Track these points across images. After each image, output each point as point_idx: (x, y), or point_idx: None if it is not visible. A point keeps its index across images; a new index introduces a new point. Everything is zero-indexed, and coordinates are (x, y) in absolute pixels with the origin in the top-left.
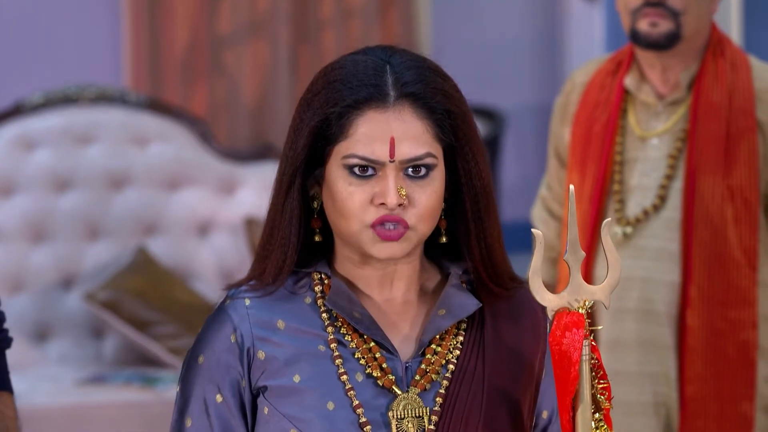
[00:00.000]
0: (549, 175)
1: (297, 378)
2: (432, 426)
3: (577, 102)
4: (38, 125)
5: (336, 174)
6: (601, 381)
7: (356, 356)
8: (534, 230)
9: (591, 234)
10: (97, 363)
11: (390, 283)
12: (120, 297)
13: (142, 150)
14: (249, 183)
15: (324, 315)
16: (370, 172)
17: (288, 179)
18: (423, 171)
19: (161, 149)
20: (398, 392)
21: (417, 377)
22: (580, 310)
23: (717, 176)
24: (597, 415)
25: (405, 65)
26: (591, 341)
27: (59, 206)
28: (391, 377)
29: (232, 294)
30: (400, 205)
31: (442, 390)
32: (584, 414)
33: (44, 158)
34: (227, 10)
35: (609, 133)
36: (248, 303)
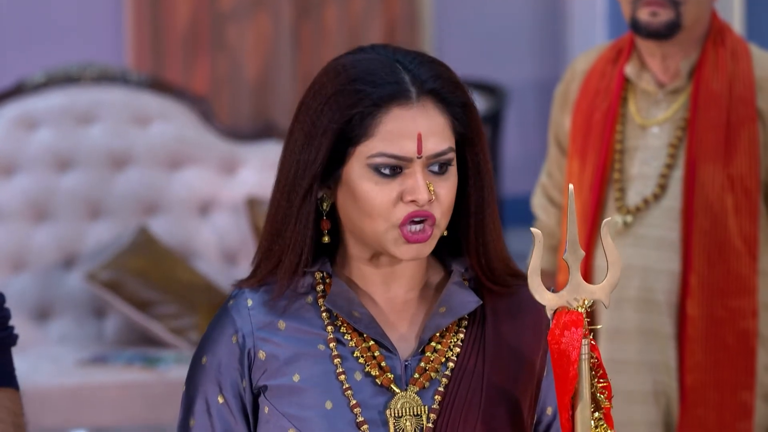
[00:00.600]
0: (549, 163)
1: (296, 377)
2: (430, 424)
3: (578, 90)
4: (40, 105)
5: (359, 174)
6: (601, 380)
7: (355, 355)
8: (533, 229)
9: (591, 223)
10: (99, 343)
11: (393, 282)
12: (121, 277)
13: (144, 129)
14: (251, 162)
15: (324, 314)
16: (396, 171)
17: (307, 184)
18: (444, 167)
19: (163, 128)
20: (396, 390)
21: (416, 375)
22: (580, 309)
23: (717, 165)
24: (597, 414)
25: (416, 62)
26: (590, 340)
27: (60, 186)
28: (390, 376)
29: (236, 294)
30: (429, 202)
31: (441, 388)
32: (583, 413)
33: (46, 138)
34: None
35: (609, 122)
36: (250, 304)
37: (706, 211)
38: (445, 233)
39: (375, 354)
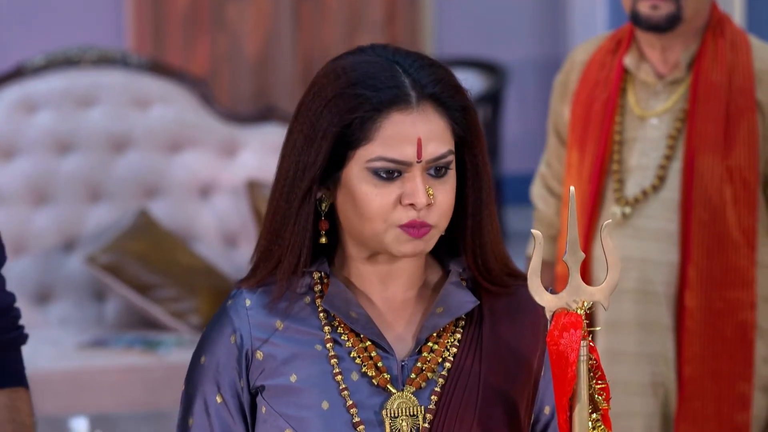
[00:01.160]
0: (548, 153)
1: (293, 377)
2: (426, 424)
3: (577, 80)
4: (39, 88)
5: (358, 177)
6: (599, 381)
7: (352, 355)
8: (533, 231)
9: (590, 214)
10: (99, 326)
11: (391, 282)
12: (121, 260)
13: (144, 112)
14: (251, 145)
15: (321, 315)
16: (395, 174)
17: (306, 186)
18: (443, 170)
19: (163, 111)
20: (393, 391)
21: (412, 375)
22: (579, 311)
23: (716, 157)
24: (594, 415)
25: (416, 65)
26: (589, 342)
27: (61, 169)
28: (386, 376)
29: (234, 294)
30: (428, 205)
31: (438, 388)
32: (581, 414)
33: (45, 121)
34: None
35: (608, 113)
36: (248, 304)
37: (705, 203)
38: (443, 233)
39: (372, 354)
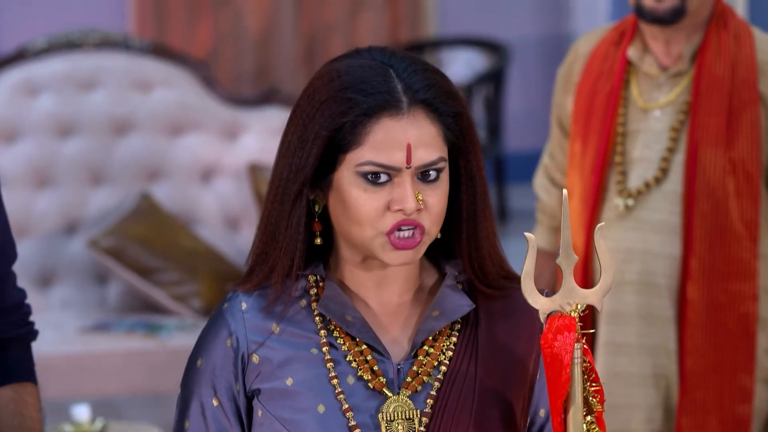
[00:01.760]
0: (551, 144)
1: (289, 381)
2: (422, 428)
3: (580, 72)
4: (41, 71)
5: (348, 181)
6: (594, 384)
7: (348, 359)
8: (527, 234)
9: (593, 206)
10: (101, 309)
11: (386, 285)
12: (123, 244)
13: (146, 95)
14: (253, 128)
15: (317, 318)
16: (385, 179)
17: (296, 189)
18: (434, 175)
19: (165, 94)
20: (389, 394)
21: (408, 379)
22: (572, 314)
23: (719, 149)
24: (589, 418)
25: (410, 70)
26: (583, 344)
27: (62, 152)
28: (382, 380)
29: (230, 297)
30: (417, 211)
31: (434, 392)
32: (576, 416)
33: (47, 104)
34: None
35: (611, 105)
36: (244, 307)
37: (708, 195)
38: (439, 236)
39: (367, 358)
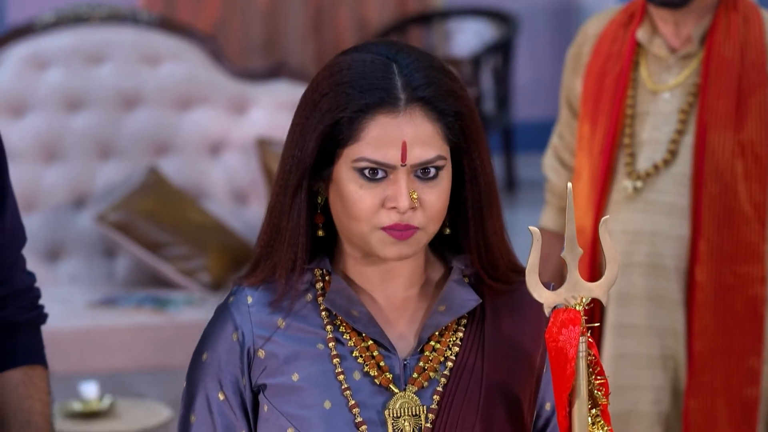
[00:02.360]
0: (561, 125)
1: (295, 377)
2: (429, 424)
3: (590, 53)
4: (50, 44)
5: (346, 176)
6: (599, 377)
7: (354, 355)
8: (531, 228)
9: (601, 188)
10: (109, 283)
11: (391, 280)
12: (132, 218)
13: (154, 69)
14: (261, 102)
15: (323, 313)
16: (381, 175)
17: (296, 181)
18: (433, 172)
19: (173, 68)
20: (395, 391)
21: (415, 375)
22: (577, 307)
23: (728, 131)
24: (594, 411)
25: (413, 66)
26: (588, 338)
27: (71, 126)
28: (389, 376)
29: (235, 291)
30: (412, 209)
31: (440, 388)
32: (581, 410)
33: (56, 78)
34: None
35: (620, 86)
36: (250, 301)
37: (716, 178)
38: (447, 231)
39: (374, 354)
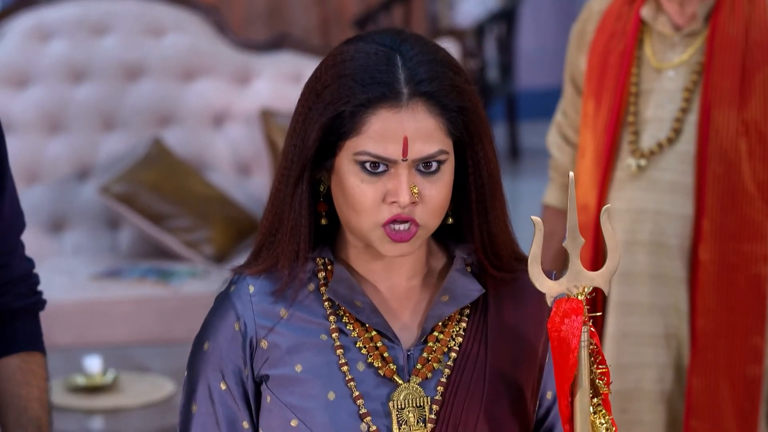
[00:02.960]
0: (565, 102)
1: (299, 367)
2: (433, 415)
3: (594, 30)
4: (53, 15)
5: (347, 168)
6: (600, 366)
7: (358, 345)
8: (533, 218)
9: (605, 165)
10: (113, 255)
11: (394, 270)
12: (135, 189)
13: (157, 40)
14: (265, 73)
15: (326, 303)
16: (382, 169)
17: (298, 171)
18: (434, 166)
19: (176, 39)
20: (399, 382)
21: (418, 366)
22: (579, 297)
23: (732, 110)
24: (595, 400)
25: (417, 59)
26: (590, 327)
27: (74, 97)
28: (392, 367)
29: (237, 280)
30: (413, 203)
31: (444, 379)
32: (583, 399)
33: (59, 49)
34: None
35: (625, 64)
36: (252, 290)
37: (720, 156)
38: (451, 221)
39: (377, 344)
